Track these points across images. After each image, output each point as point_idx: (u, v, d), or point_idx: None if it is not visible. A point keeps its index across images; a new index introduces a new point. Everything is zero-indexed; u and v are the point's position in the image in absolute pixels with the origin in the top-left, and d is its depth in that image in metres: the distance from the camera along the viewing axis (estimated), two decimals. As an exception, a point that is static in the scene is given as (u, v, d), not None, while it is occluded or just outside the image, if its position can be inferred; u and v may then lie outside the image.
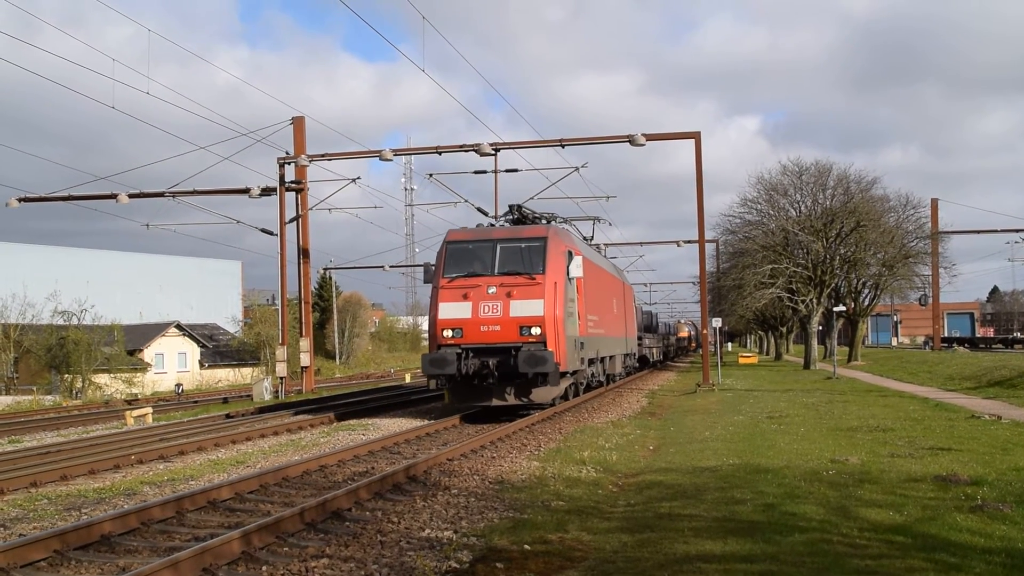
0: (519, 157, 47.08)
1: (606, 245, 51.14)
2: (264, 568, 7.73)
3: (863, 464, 12.17)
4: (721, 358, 41.47)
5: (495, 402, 19.98)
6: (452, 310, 19.81)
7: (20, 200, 35.54)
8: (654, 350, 52.52)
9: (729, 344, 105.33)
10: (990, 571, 6.85)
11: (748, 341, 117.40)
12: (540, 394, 19.82)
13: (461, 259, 20.64)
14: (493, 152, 30.33)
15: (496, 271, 20.11)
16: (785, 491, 10.28)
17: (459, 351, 19.38)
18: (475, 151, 29.81)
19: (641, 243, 57.76)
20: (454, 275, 20.34)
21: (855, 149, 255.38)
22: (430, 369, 19.43)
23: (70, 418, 27.21)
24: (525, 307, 19.46)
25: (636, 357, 39.06)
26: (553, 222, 24.69)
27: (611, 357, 28.94)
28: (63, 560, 8.12)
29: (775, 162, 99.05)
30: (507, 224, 23.67)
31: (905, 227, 48.20)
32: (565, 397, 22.97)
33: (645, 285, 77.30)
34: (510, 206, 23.39)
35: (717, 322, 37.97)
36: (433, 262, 21.32)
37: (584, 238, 28.91)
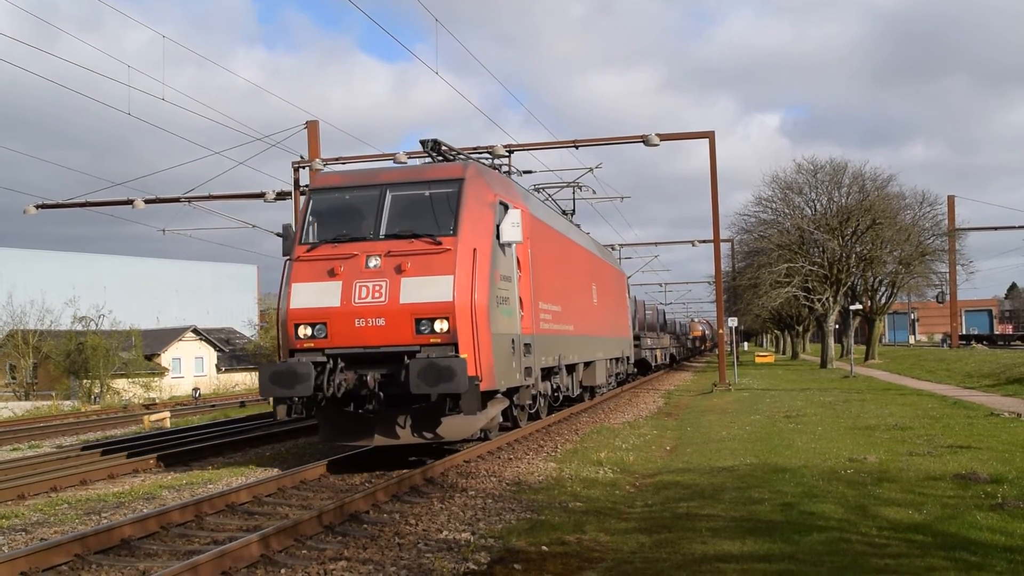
0: (534, 158, 47.04)
1: (621, 245, 51.09)
2: (283, 571, 7.77)
3: (881, 463, 12.12)
4: (737, 358, 41.34)
5: (378, 440, 13.03)
6: (311, 295, 12.95)
7: (38, 207, 35.81)
8: (658, 352, 45.88)
9: (745, 343, 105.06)
10: (1011, 569, 6.81)
11: (764, 340, 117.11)
12: (453, 426, 13.01)
13: (330, 215, 13.78)
14: (507, 154, 30.28)
15: (383, 232, 13.18)
16: (803, 490, 10.25)
17: (322, 359, 12.65)
18: (489, 153, 29.81)
19: (656, 243, 57.55)
20: (317, 240, 13.49)
21: (877, 145, 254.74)
22: (271, 390, 12.36)
23: (89, 423, 27.39)
24: (424, 288, 12.61)
25: (631, 362, 31.93)
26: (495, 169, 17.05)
27: (588, 364, 21.87)
28: (84, 564, 8.18)
29: (790, 160, 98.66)
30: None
31: (922, 224, 47.99)
32: (513, 423, 16.65)
33: (660, 285, 77.17)
34: (422, 141, 15.43)
35: (733, 321, 37.85)
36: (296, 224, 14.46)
37: (563, 212, 23.19)
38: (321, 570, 7.69)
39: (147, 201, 34.95)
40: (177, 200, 35.26)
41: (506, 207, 13.98)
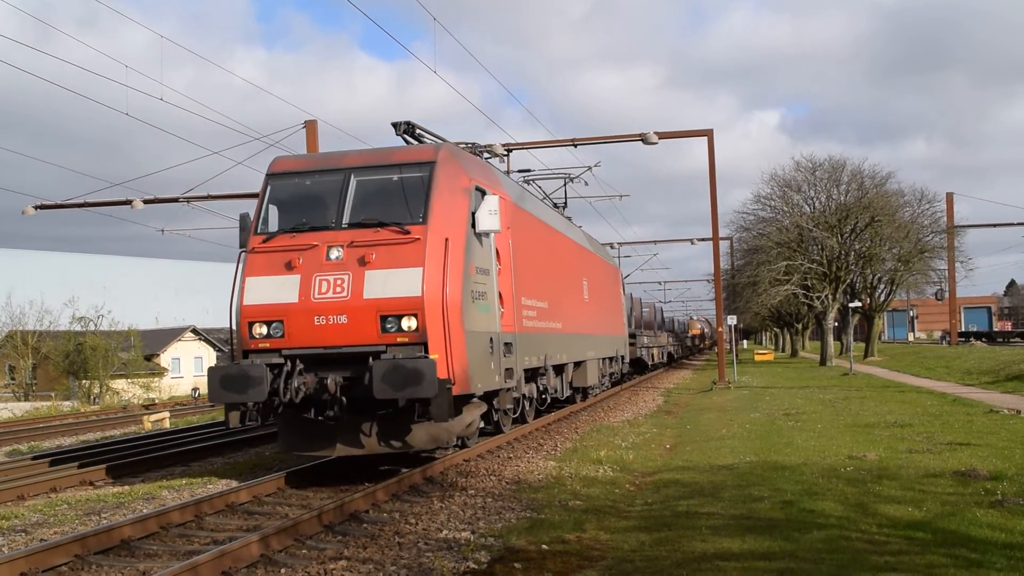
0: (533, 158, 47.00)
1: (620, 244, 51.00)
2: (283, 571, 7.77)
3: (881, 460, 12.12)
4: (737, 355, 41.32)
5: (341, 450, 11.93)
6: (266, 290, 11.84)
7: (36, 207, 35.77)
8: (655, 350, 44.95)
9: (744, 341, 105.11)
10: (1011, 566, 6.81)
11: (763, 338, 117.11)
12: (424, 434, 11.85)
13: (289, 203, 12.68)
14: (506, 153, 30.27)
15: (346, 221, 12.07)
16: (803, 488, 10.25)
17: (279, 361, 11.53)
18: (488, 152, 29.77)
19: (655, 241, 57.56)
20: (274, 231, 12.36)
21: (878, 142, 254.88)
22: (221, 394, 11.32)
23: (88, 423, 27.38)
24: (390, 281, 11.47)
25: (626, 361, 30.33)
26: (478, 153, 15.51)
27: (579, 364, 20.77)
28: (84, 565, 8.18)
29: (788, 158, 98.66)
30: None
31: (920, 222, 48.02)
32: (495, 428, 15.31)
33: (659, 283, 77.23)
34: (394, 124, 14.06)
35: (732, 319, 37.85)
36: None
37: (555, 205, 22.32)
38: (321, 570, 7.69)
39: (146, 201, 34.92)
40: (176, 200, 35.24)
41: (483, 193, 12.83)
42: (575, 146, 30.59)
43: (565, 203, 24.16)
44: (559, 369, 18.88)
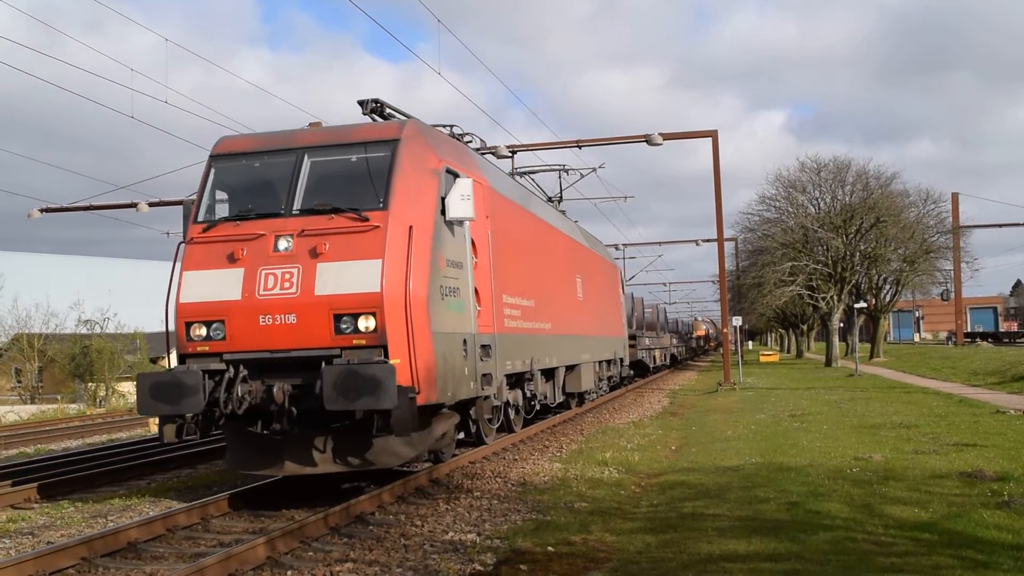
0: (537, 159, 47.04)
1: (624, 245, 50.97)
2: (289, 573, 7.79)
3: (887, 461, 12.10)
4: (742, 357, 41.22)
5: (289, 468, 10.50)
6: (205, 286, 10.56)
7: (42, 210, 35.90)
8: (657, 352, 43.53)
9: (749, 342, 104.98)
10: (1018, 567, 6.80)
11: (769, 339, 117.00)
12: (387, 450, 10.42)
13: (235, 187, 11.46)
14: (510, 154, 30.30)
15: (297, 207, 10.74)
16: (809, 489, 10.24)
17: (220, 366, 10.30)
18: (492, 153, 29.80)
19: (660, 243, 57.63)
20: (216, 218, 11.09)
21: (883, 142, 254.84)
22: (152, 405, 10.11)
23: (94, 426, 27.43)
24: (346, 275, 10.15)
25: (626, 363, 28.48)
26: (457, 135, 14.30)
27: (572, 367, 19.34)
28: (91, 567, 8.20)
29: (793, 159, 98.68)
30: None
31: (926, 222, 47.95)
32: (477, 438, 14.25)
33: (664, 284, 77.25)
34: (360, 102, 12.79)
35: (737, 320, 37.80)
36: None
37: (549, 199, 21.11)
38: (327, 572, 7.71)
39: (151, 204, 35.08)
40: (181, 203, 35.15)
41: (455, 176, 11.50)
42: (579, 147, 30.60)
43: (560, 197, 23.56)
44: (549, 373, 17.57)
